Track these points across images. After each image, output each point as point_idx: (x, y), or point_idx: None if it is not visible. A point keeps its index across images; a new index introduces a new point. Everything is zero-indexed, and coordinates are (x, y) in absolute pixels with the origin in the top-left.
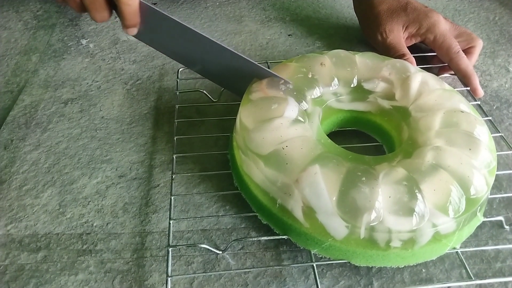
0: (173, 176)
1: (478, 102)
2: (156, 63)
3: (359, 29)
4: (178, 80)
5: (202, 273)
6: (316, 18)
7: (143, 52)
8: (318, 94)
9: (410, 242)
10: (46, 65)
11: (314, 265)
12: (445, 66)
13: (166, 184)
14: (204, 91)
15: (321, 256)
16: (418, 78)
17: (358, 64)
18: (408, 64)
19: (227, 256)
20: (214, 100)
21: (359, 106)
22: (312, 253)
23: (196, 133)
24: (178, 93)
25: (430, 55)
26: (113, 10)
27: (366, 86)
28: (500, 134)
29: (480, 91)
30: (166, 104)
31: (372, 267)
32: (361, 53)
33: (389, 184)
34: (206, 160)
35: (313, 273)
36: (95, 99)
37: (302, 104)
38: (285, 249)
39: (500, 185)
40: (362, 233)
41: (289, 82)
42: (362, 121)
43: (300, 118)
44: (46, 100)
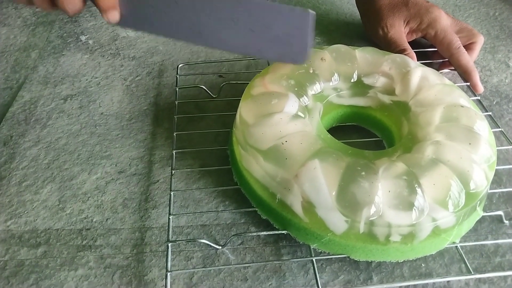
0: (172, 171)
1: (478, 97)
2: (155, 59)
3: (359, 24)
4: (178, 76)
5: (202, 268)
6: (316, 14)
7: (143, 48)
8: (319, 90)
9: (409, 237)
10: (45, 61)
11: (314, 259)
12: (445, 61)
13: (166, 179)
14: (203, 87)
15: (320, 250)
16: (418, 73)
17: (358, 59)
18: (408, 59)
19: (227, 251)
20: (214, 95)
21: (359, 101)
22: (311, 248)
23: (195, 128)
24: (177, 89)
25: (431, 51)
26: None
27: (366, 81)
28: (500, 129)
29: (480, 87)
30: (165, 100)
31: (371, 262)
32: (361, 48)
33: (388, 178)
34: (206, 155)
35: (312, 268)
36: (95, 95)
37: (302, 99)
38: (284, 244)
39: (499, 180)
40: (362, 227)
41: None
42: (362, 116)
43: (300, 114)
44: (46, 96)
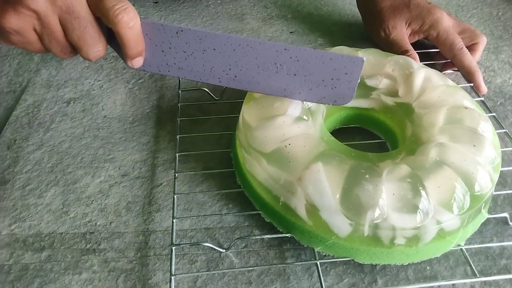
0: (176, 174)
1: (482, 98)
2: None
3: (361, 26)
4: (180, 78)
5: (206, 271)
6: (318, 15)
7: None
8: None
9: (414, 239)
10: (48, 64)
11: (318, 263)
12: (448, 62)
13: (169, 182)
14: (206, 90)
15: (324, 254)
16: (421, 74)
17: None
18: (411, 60)
19: (231, 254)
20: (217, 98)
21: (362, 103)
22: (315, 251)
23: (198, 131)
24: (180, 91)
25: (433, 52)
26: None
27: (369, 82)
28: (504, 130)
29: (483, 88)
30: (168, 102)
31: (376, 265)
32: (364, 49)
33: (392, 181)
34: (209, 158)
35: (316, 271)
36: (98, 98)
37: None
38: (288, 247)
39: (504, 181)
40: (366, 230)
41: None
42: (365, 118)
43: (303, 116)
44: (49, 99)
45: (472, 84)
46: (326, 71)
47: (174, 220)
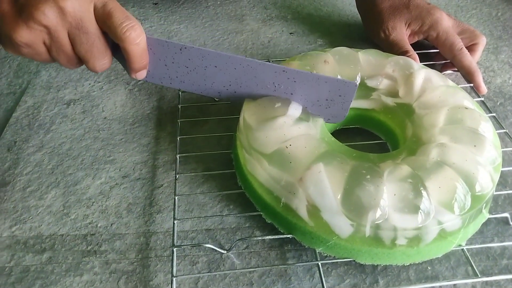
0: (176, 176)
1: (482, 99)
2: None
3: (361, 26)
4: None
5: (207, 272)
6: (317, 16)
7: None
8: None
9: (415, 240)
10: (48, 66)
11: (319, 263)
12: (448, 63)
13: (170, 184)
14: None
15: (326, 254)
16: (421, 74)
17: (361, 61)
18: (411, 61)
19: (232, 255)
20: (217, 99)
21: (363, 104)
22: (317, 251)
23: (199, 132)
24: (180, 93)
25: (433, 52)
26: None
27: (370, 83)
28: (504, 131)
29: (483, 88)
30: (168, 104)
31: (377, 265)
32: (364, 50)
33: (394, 181)
34: (210, 159)
35: (318, 271)
36: (98, 100)
37: None
38: (290, 248)
39: (505, 181)
40: (367, 231)
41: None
42: (366, 118)
43: (303, 117)
44: (49, 101)
45: (472, 84)
46: (321, 93)
47: (175, 221)
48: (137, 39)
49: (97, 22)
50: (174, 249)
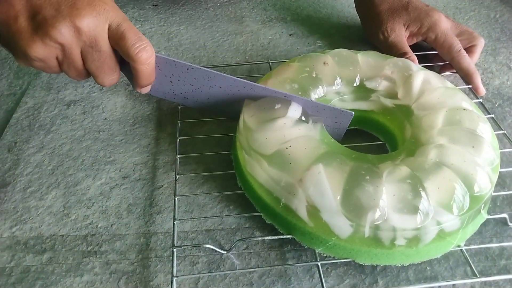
0: (176, 176)
1: (480, 100)
2: None
3: (360, 28)
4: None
5: (207, 273)
6: (317, 18)
7: None
8: (321, 94)
9: (414, 240)
10: None
11: (319, 264)
12: (446, 64)
13: (170, 184)
14: None
15: (325, 255)
16: (420, 76)
17: (361, 63)
18: (410, 62)
19: (232, 256)
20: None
21: (362, 105)
22: (316, 252)
23: (199, 133)
24: None
25: (432, 54)
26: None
27: (369, 85)
28: (502, 132)
29: (482, 90)
30: (168, 105)
31: (376, 266)
32: (363, 52)
33: (393, 182)
34: (210, 160)
35: (318, 272)
36: (98, 101)
37: None
38: (289, 248)
39: (503, 182)
40: (367, 231)
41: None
42: (365, 120)
43: (303, 118)
44: (49, 102)
45: (470, 86)
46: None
47: (175, 222)
48: (148, 60)
49: (109, 41)
50: (174, 249)
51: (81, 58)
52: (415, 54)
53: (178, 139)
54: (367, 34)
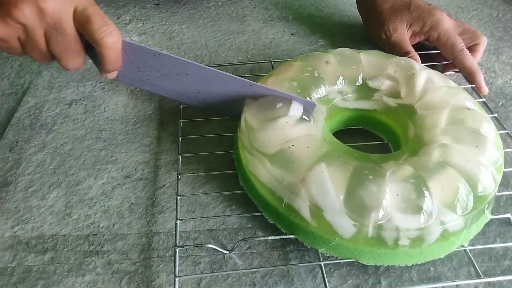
0: (178, 176)
1: (483, 99)
2: None
3: (362, 27)
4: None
5: (210, 273)
6: (319, 17)
7: None
8: (324, 93)
9: (418, 240)
10: (49, 66)
11: (322, 264)
12: (449, 63)
13: (172, 184)
14: None
15: (328, 255)
16: (423, 75)
17: (363, 62)
18: (413, 61)
19: (234, 256)
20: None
21: (365, 105)
22: (319, 252)
23: (201, 133)
24: None
25: (434, 53)
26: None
27: (371, 84)
28: (506, 131)
29: (485, 89)
30: (170, 104)
31: (380, 266)
32: (366, 51)
33: (396, 182)
34: (212, 160)
35: (320, 272)
36: (99, 100)
37: None
38: (292, 248)
39: (507, 182)
40: (370, 231)
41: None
42: (368, 119)
43: (305, 117)
44: (51, 101)
45: (473, 85)
46: None
47: (177, 221)
48: (113, 45)
49: (74, 24)
50: (177, 249)
51: (44, 40)
52: (418, 54)
53: (180, 139)
54: (369, 34)
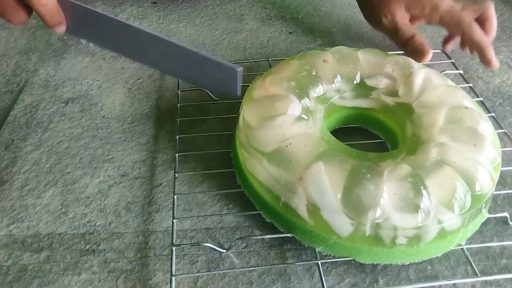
0: (175, 175)
1: (481, 99)
2: None
3: (360, 26)
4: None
5: (206, 272)
6: (316, 16)
7: None
8: (321, 92)
9: (415, 239)
10: (46, 64)
11: (319, 263)
12: (449, 37)
13: (169, 183)
14: (205, 90)
15: (326, 253)
16: (421, 74)
17: (361, 60)
18: (411, 60)
19: (231, 254)
20: (216, 98)
21: (362, 103)
22: (316, 250)
23: (198, 131)
24: (179, 91)
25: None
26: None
27: (369, 82)
28: (503, 131)
29: (495, 63)
30: (167, 102)
31: (377, 265)
32: (363, 49)
33: (394, 180)
34: (209, 158)
35: (318, 271)
36: (96, 99)
37: (304, 101)
38: (289, 247)
39: (504, 181)
40: (367, 230)
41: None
42: (365, 118)
43: (303, 116)
44: (47, 99)
45: (471, 84)
46: (208, 72)
47: (174, 220)
48: (43, 1)
49: None
50: (173, 248)
51: None
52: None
53: (177, 137)
54: (370, 23)
